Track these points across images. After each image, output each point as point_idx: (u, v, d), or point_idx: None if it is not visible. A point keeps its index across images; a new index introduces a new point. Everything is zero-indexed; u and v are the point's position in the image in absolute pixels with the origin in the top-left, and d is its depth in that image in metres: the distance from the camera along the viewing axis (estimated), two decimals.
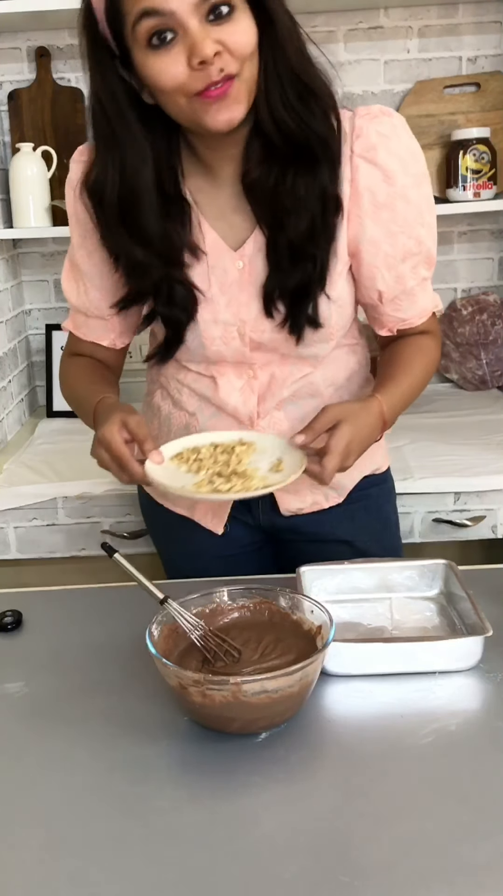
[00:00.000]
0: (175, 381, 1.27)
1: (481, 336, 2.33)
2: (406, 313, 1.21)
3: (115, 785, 0.84)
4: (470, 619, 1.03)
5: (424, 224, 1.17)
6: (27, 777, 0.86)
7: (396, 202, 1.13)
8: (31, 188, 2.07)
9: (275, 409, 1.24)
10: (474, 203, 2.06)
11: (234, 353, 1.19)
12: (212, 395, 1.23)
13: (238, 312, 1.16)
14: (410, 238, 1.15)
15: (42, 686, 1.01)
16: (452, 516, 1.79)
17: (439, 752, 0.86)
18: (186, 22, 0.95)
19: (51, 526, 1.83)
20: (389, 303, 1.20)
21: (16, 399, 2.21)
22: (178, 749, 0.89)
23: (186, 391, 1.26)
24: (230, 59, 0.98)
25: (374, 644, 0.99)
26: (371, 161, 1.11)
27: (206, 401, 1.25)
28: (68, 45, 2.19)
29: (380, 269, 1.16)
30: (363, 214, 1.13)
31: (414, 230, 1.16)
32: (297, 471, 1.04)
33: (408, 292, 1.20)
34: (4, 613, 1.15)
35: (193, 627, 0.95)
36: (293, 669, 0.84)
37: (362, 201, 1.12)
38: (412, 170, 1.14)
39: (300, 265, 1.12)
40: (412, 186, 1.14)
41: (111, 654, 1.05)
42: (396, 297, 1.19)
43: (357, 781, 0.83)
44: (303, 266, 1.12)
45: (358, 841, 0.75)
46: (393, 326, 1.23)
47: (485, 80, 2.20)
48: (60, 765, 0.87)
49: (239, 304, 1.16)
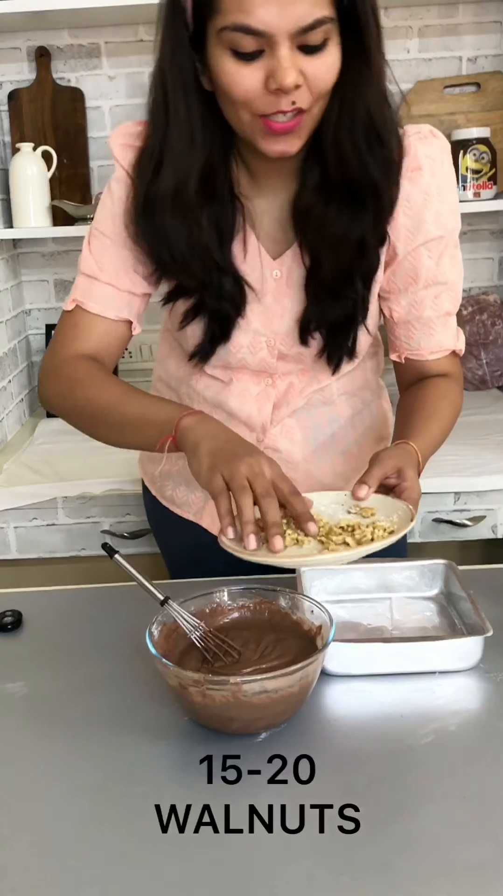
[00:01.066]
0: (186, 386, 1.26)
1: (481, 336, 2.33)
2: (418, 343, 1.20)
3: (115, 785, 0.84)
4: (470, 618, 1.03)
5: (454, 258, 1.17)
6: (26, 777, 0.86)
7: (429, 227, 1.12)
8: (31, 188, 2.07)
9: (289, 417, 1.23)
10: (474, 203, 2.06)
11: (258, 362, 1.18)
12: (224, 401, 1.22)
13: (270, 323, 1.15)
14: (438, 266, 1.14)
15: (41, 686, 1.01)
16: (452, 516, 1.79)
17: (439, 751, 0.86)
18: (278, 44, 0.91)
19: (51, 526, 1.84)
20: (401, 326, 1.19)
21: (16, 399, 2.21)
22: (178, 749, 0.88)
23: (197, 396, 1.25)
24: (306, 93, 0.95)
25: (374, 644, 0.99)
26: (414, 182, 1.10)
27: (217, 407, 1.23)
28: (68, 45, 2.19)
29: (397, 288, 1.15)
30: (394, 232, 1.12)
31: (443, 258, 1.15)
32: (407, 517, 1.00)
33: (424, 321, 1.18)
34: (4, 613, 1.15)
35: (193, 628, 0.95)
36: (293, 669, 0.84)
37: (397, 218, 1.11)
38: (448, 199, 1.13)
39: (340, 301, 1.12)
40: (447, 214, 1.13)
41: (111, 654, 1.05)
42: (409, 323, 1.18)
43: (357, 781, 0.83)
44: (344, 302, 1.12)
45: (358, 841, 0.75)
46: (403, 353, 1.22)
47: (485, 79, 2.20)
48: (59, 765, 0.87)
49: (273, 314, 1.15)
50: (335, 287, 1.11)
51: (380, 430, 1.33)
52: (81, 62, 2.21)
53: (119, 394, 1.11)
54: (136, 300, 1.17)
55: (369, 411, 1.30)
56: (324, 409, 1.24)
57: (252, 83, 0.94)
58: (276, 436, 1.24)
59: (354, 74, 0.99)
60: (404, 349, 1.21)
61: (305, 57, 0.93)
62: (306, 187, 1.08)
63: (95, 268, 1.14)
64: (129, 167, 1.11)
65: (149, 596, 0.96)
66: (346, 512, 1.05)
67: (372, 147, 1.03)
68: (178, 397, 1.28)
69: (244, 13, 0.90)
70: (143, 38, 2.18)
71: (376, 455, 1.07)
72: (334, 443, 1.27)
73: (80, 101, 2.20)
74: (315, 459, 1.26)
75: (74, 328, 1.16)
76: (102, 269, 1.14)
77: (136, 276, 1.15)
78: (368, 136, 1.03)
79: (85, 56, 2.20)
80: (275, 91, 0.93)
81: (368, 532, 0.97)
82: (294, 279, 1.13)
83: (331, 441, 1.27)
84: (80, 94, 2.20)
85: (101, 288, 1.15)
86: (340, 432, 1.27)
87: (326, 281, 1.11)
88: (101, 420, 1.13)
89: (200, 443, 1.01)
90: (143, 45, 2.19)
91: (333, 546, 0.94)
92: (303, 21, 0.90)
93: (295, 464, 1.25)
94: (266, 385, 1.20)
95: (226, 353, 1.17)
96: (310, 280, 1.12)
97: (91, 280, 1.15)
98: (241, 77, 0.94)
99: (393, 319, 1.19)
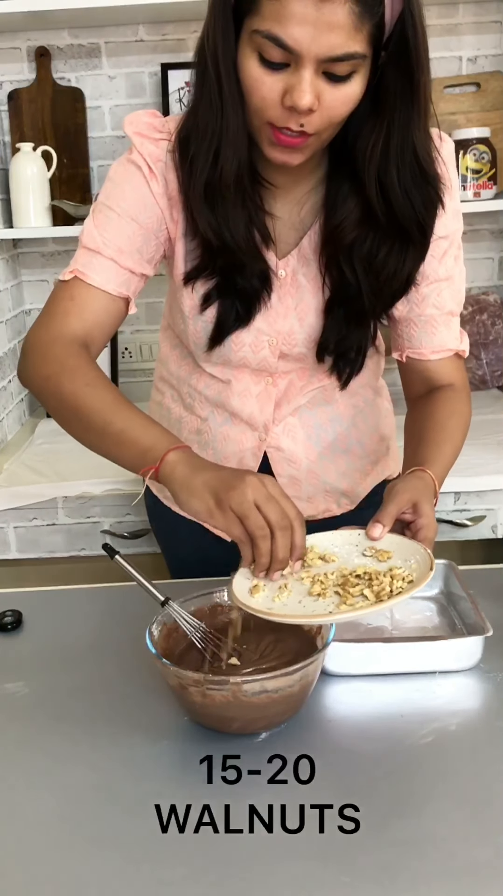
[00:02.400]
0: (187, 386, 1.26)
1: (481, 336, 2.33)
2: (419, 342, 1.20)
3: (115, 785, 0.84)
4: (470, 618, 1.03)
5: (457, 258, 1.17)
6: (26, 777, 0.86)
7: (435, 228, 1.12)
8: (31, 188, 2.07)
9: (291, 416, 1.23)
10: (474, 203, 2.06)
11: (259, 361, 1.18)
12: (225, 401, 1.22)
13: (274, 323, 1.15)
14: (441, 263, 1.15)
15: (41, 686, 1.01)
16: (452, 516, 1.79)
17: (439, 751, 0.86)
18: (304, 65, 0.91)
19: (51, 526, 1.84)
20: (403, 323, 1.19)
21: (16, 399, 2.21)
22: (178, 749, 0.88)
23: (198, 396, 1.25)
24: (317, 119, 0.95)
25: (374, 644, 0.99)
26: None
27: (219, 407, 1.24)
28: (68, 45, 2.19)
29: None
30: None
31: (446, 257, 1.15)
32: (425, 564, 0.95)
33: (425, 319, 1.18)
34: (4, 613, 1.15)
35: (194, 629, 0.95)
36: (293, 669, 0.84)
37: None
38: (456, 199, 1.14)
39: (362, 329, 1.14)
40: (453, 216, 1.14)
41: (111, 654, 1.05)
42: (411, 320, 1.18)
43: (357, 781, 0.83)
44: (365, 330, 1.14)
45: (358, 841, 0.75)
46: (404, 351, 1.22)
47: (485, 79, 2.20)
48: (60, 765, 0.87)
49: (276, 314, 1.15)
50: (361, 316, 1.13)
51: (382, 429, 1.33)
52: (81, 62, 2.21)
53: (108, 400, 1.05)
54: (134, 279, 1.13)
55: (371, 410, 1.30)
56: (325, 408, 1.25)
57: (270, 92, 0.94)
58: (279, 435, 1.24)
59: (404, 109, 0.99)
60: (405, 347, 1.21)
61: (327, 84, 0.93)
62: (346, 219, 1.07)
63: (99, 241, 1.10)
64: (149, 157, 1.09)
65: (149, 596, 0.96)
66: (362, 554, 1.01)
67: (420, 189, 1.04)
68: (180, 396, 1.28)
69: (280, 25, 0.89)
70: (144, 37, 2.18)
71: (391, 488, 1.03)
72: (337, 441, 1.27)
73: (80, 100, 2.20)
74: (318, 458, 1.27)
75: (71, 300, 1.10)
76: (106, 243, 1.10)
77: (140, 256, 1.12)
78: (415, 178, 1.04)
79: (85, 56, 2.20)
80: (289, 108, 0.94)
81: (387, 582, 0.92)
82: (298, 281, 1.14)
83: (334, 440, 1.27)
84: (80, 94, 2.20)
85: (102, 262, 1.10)
86: (342, 431, 1.27)
87: (362, 309, 1.12)
88: (82, 420, 1.05)
89: (192, 478, 0.95)
90: (143, 45, 2.19)
91: (351, 600, 0.91)
92: (334, 52, 0.90)
93: (298, 462, 1.26)
94: (266, 384, 1.21)
95: (227, 351, 1.17)
96: (337, 304, 1.12)
97: (93, 253, 1.10)
98: (262, 84, 0.94)
99: (394, 317, 1.19)
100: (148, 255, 1.13)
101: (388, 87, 0.98)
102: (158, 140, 1.10)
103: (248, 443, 1.24)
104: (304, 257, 1.13)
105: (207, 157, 1.03)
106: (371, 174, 1.03)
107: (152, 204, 1.10)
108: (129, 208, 1.11)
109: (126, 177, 1.11)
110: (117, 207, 1.11)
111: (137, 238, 1.11)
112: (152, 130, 1.10)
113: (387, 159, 1.02)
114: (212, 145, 1.02)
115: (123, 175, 1.11)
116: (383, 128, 1.00)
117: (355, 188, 1.05)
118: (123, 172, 1.12)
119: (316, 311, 1.15)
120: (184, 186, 1.07)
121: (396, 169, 1.02)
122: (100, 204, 1.13)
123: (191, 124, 1.04)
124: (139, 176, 1.10)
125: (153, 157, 1.09)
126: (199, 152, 1.03)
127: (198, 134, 1.03)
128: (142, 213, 1.11)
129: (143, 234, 1.12)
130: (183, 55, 2.18)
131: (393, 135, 1.00)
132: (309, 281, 1.14)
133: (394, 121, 1.00)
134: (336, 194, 1.08)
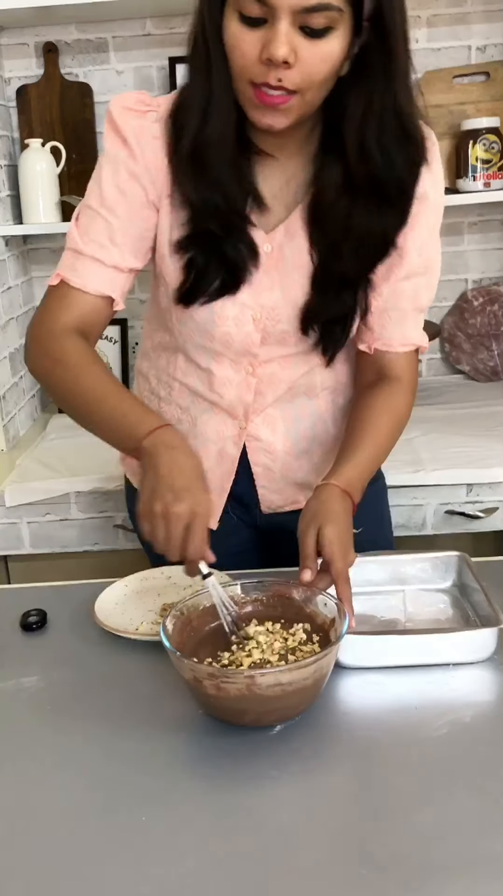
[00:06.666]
0: (166, 375, 1.26)
1: (492, 327, 2.32)
2: (390, 334, 1.20)
3: (132, 777, 0.84)
4: (483, 610, 1.03)
5: (437, 252, 1.18)
6: (44, 769, 0.87)
7: (419, 219, 1.12)
8: (40, 184, 2.07)
9: (272, 408, 1.24)
10: (484, 193, 2.05)
11: (241, 340, 1.17)
12: (205, 390, 1.22)
13: (258, 297, 1.14)
14: (420, 257, 1.15)
15: (58, 680, 1.01)
16: (465, 508, 1.79)
17: (454, 743, 0.86)
18: (279, 18, 0.93)
19: (64, 521, 1.84)
20: (377, 315, 1.19)
21: (27, 395, 2.22)
22: (194, 742, 0.89)
23: (177, 385, 1.25)
24: (296, 75, 0.96)
25: (388, 636, 0.99)
26: None
27: (199, 396, 1.24)
28: (76, 41, 2.19)
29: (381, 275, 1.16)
30: None
31: (427, 251, 1.16)
32: None
33: (400, 312, 1.19)
34: (29, 612, 1.14)
35: (227, 612, 0.98)
36: (307, 662, 0.84)
37: None
38: (440, 194, 1.15)
39: (345, 294, 1.13)
40: (434, 210, 1.15)
41: (126, 648, 1.06)
42: (386, 312, 1.18)
43: (372, 774, 0.83)
44: (349, 295, 1.14)
45: (374, 833, 0.75)
46: (373, 343, 1.21)
47: (494, 69, 2.19)
48: (77, 758, 0.88)
49: (261, 287, 1.14)
50: (350, 280, 1.13)
51: None
52: (89, 57, 2.21)
53: (95, 387, 1.11)
54: (121, 276, 1.15)
55: (350, 408, 1.30)
56: (306, 403, 1.25)
57: (250, 48, 0.96)
58: (259, 425, 1.24)
59: (382, 72, 1.00)
60: (375, 339, 1.21)
61: (304, 39, 0.95)
62: (328, 184, 1.08)
63: (80, 243, 1.13)
64: (129, 133, 1.10)
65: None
66: None
67: (400, 144, 1.05)
68: (161, 387, 1.28)
69: None
70: (151, 31, 2.18)
71: (299, 525, 1.05)
72: (315, 436, 1.28)
73: (88, 96, 2.20)
74: (295, 451, 1.27)
75: (60, 300, 1.15)
76: (88, 243, 1.13)
77: (124, 249, 1.13)
78: (398, 136, 1.04)
79: (93, 51, 2.20)
80: (266, 61, 0.95)
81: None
82: (284, 255, 1.14)
83: (313, 434, 1.28)
84: (88, 90, 2.20)
85: (86, 263, 1.13)
86: (321, 426, 1.28)
87: (343, 274, 1.12)
88: (75, 407, 1.13)
89: (148, 472, 1.01)
90: (150, 39, 2.18)
91: None
92: (308, 1, 0.92)
93: (275, 454, 1.27)
94: (247, 373, 1.21)
95: (211, 326, 1.16)
96: (322, 273, 1.13)
97: (76, 255, 1.14)
98: (242, 41, 0.96)
99: (370, 309, 1.19)
100: (133, 246, 1.13)
101: (367, 50, 0.99)
102: (146, 112, 1.10)
103: (229, 431, 1.25)
104: (291, 233, 1.13)
105: (196, 120, 1.05)
106: (351, 137, 1.04)
107: (134, 189, 1.11)
108: (110, 205, 1.12)
109: (103, 172, 1.13)
110: (97, 206, 1.13)
111: (120, 231, 1.12)
112: (139, 104, 1.11)
113: (367, 121, 1.02)
114: (200, 108, 1.04)
115: (101, 171, 1.13)
116: (364, 91, 1.01)
117: (340, 156, 1.07)
118: (100, 169, 1.13)
119: (300, 287, 1.14)
120: (173, 153, 1.08)
121: (377, 130, 1.03)
122: (82, 205, 1.15)
123: (182, 93, 1.07)
124: (115, 165, 1.11)
125: (136, 130, 1.10)
126: (189, 118, 1.06)
127: (187, 100, 1.06)
128: (122, 201, 1.11)
129: (126, 225, 1.12)
130: None
131: (374, 98, 1.01)
132: (295, 256, 1.14)
133: (375, 84, 1.01)
134: (322, 166, 1.09)
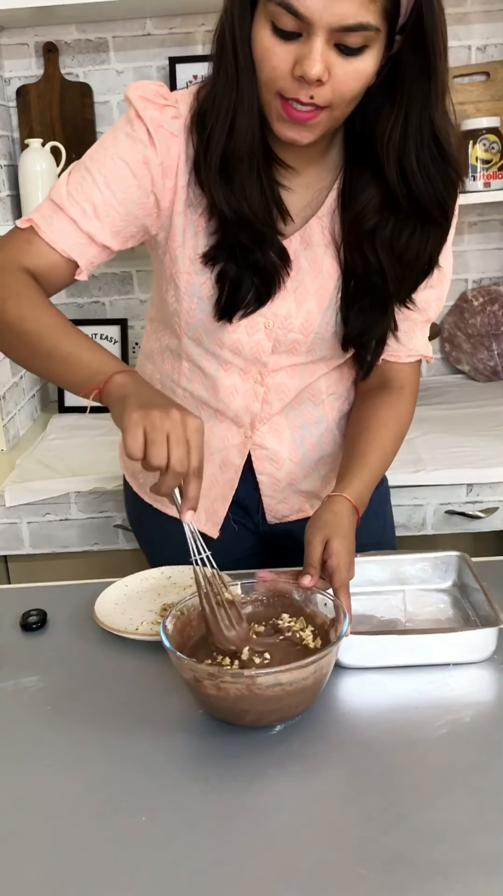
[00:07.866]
0: (170, 381, 1.24)
1: (492, 327, 2.32)
2: (398, 346, 1.20)
3: (131, 777, 0.84)
4: (483, 610, 1.03)
5: (449, 264, 1.18)
6: (44, 769, 0.86)
7: None
8: (40, 184, 2.07)
9: (278, 415, 1.23)
10: (485, 193, 2.05)
11: (252, 347, 1.16)
12: (210, 397, 1.21)
13: (271, 305, 1.13)
14: (438, 271, 1.15)
15: (58, 680, 1.01)
16: (465, 508, 1.79)
17: (454, 743, 0.86)
18: (315, 35, 0.90)
19: (64, 521, 1.84)
20: None
21: (27, 395, 2.22)
22: (194, 742, 0.89)
23: (181, 392, 1.23)
24: (328, 92, 0.94)
25: (388, 636, 0.99)
26: None
27: (204, 404, 1.22)
28: (76, 40, 2.19)
29: None
30: None
31: (444, 264, 1.15)
32: None
33: (410, 324, 1.19)
34: (29, 612, 1.14)
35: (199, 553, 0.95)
36: (307, 662, 0.84)
37: None
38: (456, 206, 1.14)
39: (386, 316, 1.14)
40: (454, 223, 1.14)
41: (126, 648, 1.06)
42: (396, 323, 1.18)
43: (372, 773, 0.83)
44: (389, 317, 1.15)
45: (374, 833, 0.75)
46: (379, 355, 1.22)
47: (494, 69, 2.19)
48: (77, 758, 0.88)
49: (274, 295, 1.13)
50: (394, 301, 1.13)
51: None
52: (89, 57, 2.21)
53: (54, 324, 1.05)
54: (93, 248, 1.10)
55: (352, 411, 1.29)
56: (312, 409, 1.24)
57: (281, 63, 0.94)
58: (265, 433, 1.23)
59: (422, 93, 0.98)
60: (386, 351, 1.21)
61: (339, 57, 0.93)
62: (367, 206, 1.07)
63: (66, 200, 1.08)
64: (150, 122, 1.06)
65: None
66: None
67: (440, 168, 1.03)
68: (163, 390, 1.24)
69: None
70: (151, 31, 2.18)
71: (308, 527, 1.05)
72: (321, 443, 1.27)
73: (88, 95, 2.20)
74: (300, 459, 1.26)
75: (23, 243, 1.10)
76: (72, 204, 1.08)
77: (105, 225, 1.09)
78: (435, 157, 1.03)
79: (93, 51, 2.20)
80: (298, 78, 0.93)
81: None
82: (300, 264, 1.13)
83: (318, 442, 1.27)
84: (88, 89, 2.20)
85: (63, 221, 1.08)
86: (327, 433, 1.27)
87: (386, 296, 1.12)
88: (28, 344, 1.06)
89: (129, 396, 0.96)
90: (150, 39, 2.18)
91: None
92: (346, 20, 0.90)
93: (280, 462, 1.25)
94: (255, 382, 1.19)
95: (222, 332, 1.15)
96: (364, 294, 1.12)
97: (56, 209, 1.09)
98: (273, 54, 0.94)
99: None
100: (115, 226, 1.09)
101: (405, 70, 0.97)
102: (164, 106, 1.07)
103: (234, 440, 1.23)
104: (306, 241, 1.12)
105: (223, 129, 1.02)
106: (391, 158, 1.02)
107: (142, 173, 1.07)
108: (109, 177, 1.08)
109: (116, 144, 1.08)
110: (97, 173, 1.08)
111: (107, 207, 1.08)
112: (158, 97, 1.08)
113: (406, 142, 1.01)
114: (227, 118, 1.01)
115: (113, 142, 1.09)
116: (401, 112, 0.99)
117: (375, 174, 1.05)
118: (114, 139, 1.09)
119: (314, 297, 1.14)
120: (200, 161, 1.06)
121: (416, 151, 1.01)
122: (80, 164, 1.11)
123: (208, 99, 1.04)
124: (133, 143, 1.07)
125: (155, 122, 1.06)
126: (216, 125, 1.02)
127: (214, 107, 1.02)
128: (121, 182, 1.07)
129: (116, 205, 1.08)
130: (190, 49, 2.17)
131: (411, 118, 1.00)
132: (310, 265, 1.13)
133: (412, 104, 0.99)
134: (356, 182, 1.08)
